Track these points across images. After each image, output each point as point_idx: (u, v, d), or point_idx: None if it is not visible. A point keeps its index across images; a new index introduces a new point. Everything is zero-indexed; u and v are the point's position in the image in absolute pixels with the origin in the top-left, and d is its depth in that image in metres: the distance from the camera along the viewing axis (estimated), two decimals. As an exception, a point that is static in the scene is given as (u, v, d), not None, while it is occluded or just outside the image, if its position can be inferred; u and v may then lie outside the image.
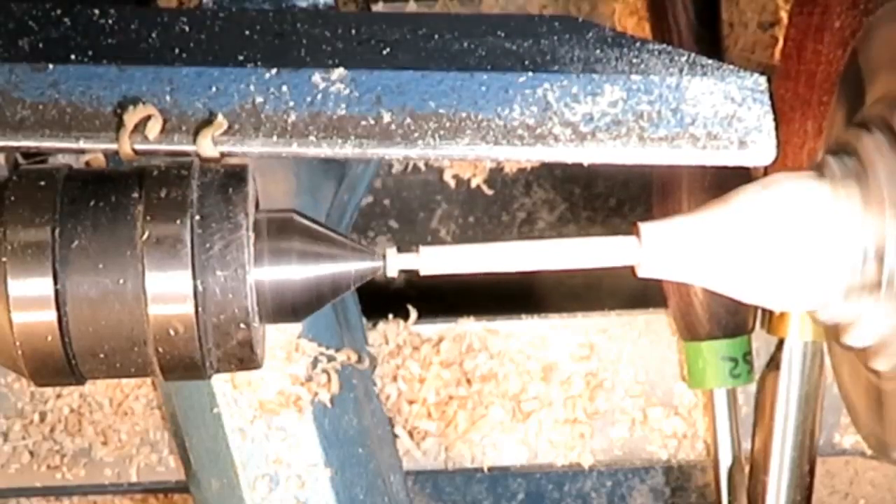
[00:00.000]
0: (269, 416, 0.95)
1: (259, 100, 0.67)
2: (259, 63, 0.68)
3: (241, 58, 0.68)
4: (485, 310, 1.13)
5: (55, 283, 0.59)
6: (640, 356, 1.12)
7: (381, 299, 1.10)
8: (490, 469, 1.14)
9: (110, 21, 0.69)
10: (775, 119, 0.66)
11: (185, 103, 0.67)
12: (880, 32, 0.63)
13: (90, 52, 0.68)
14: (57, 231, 0.59)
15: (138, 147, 0.66)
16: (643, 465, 1.21)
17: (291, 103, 0.67)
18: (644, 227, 0.62)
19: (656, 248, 0.62)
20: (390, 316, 1.13)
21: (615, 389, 1.13)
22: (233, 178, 0.62)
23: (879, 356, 0.62)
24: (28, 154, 0.70)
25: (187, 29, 0.70)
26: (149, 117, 0.66)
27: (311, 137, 0.67)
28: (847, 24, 0.65)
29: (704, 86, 0.66)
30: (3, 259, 0.58)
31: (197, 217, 0.60)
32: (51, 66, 0.68)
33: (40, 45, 0.68)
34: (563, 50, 0.68)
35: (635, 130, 0.66)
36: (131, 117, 0.66)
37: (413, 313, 1.12)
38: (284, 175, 0.91)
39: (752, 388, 1.08)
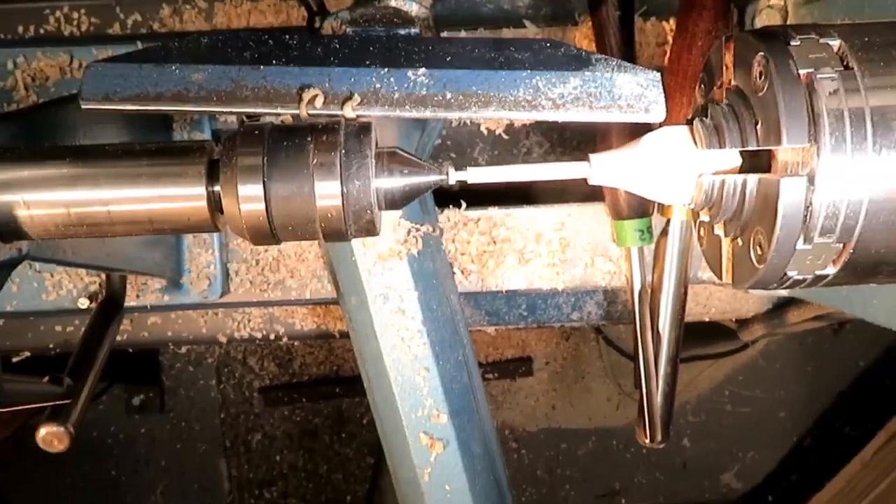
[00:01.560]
0: (383, 261, 0.95)
1: (378, 85, 0.67)
2: (377, 65, 0.68)
3: (367, 62, 0.68)
4: (503, 202, 1.13)
5: (264, 188, 0.60)
6: (590, 228, 1.13)
7: (445, 196, 1.10)
8: (506, 291, 1.15)
9: (294, 41, 0.70)
10: (665, 96, 0.66)
11: (336, 88, 0.67)
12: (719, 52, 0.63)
13: (283, 59, 0.69)
14: (265, 158, 0.60)
15: (310, 112, 0.67)
16: (592, 289, 1.21)
17: (395, 87, 0.67)
18: (593, 156, 0.63)
19: (599, 168, 0.63)
20: (451, 206, 1.13)
21: (576, 247, 1.13)
22: (363, 129, 0.62)
23: (717, 227, 0.63)
24: (248, 116, 0.71)
25: (338, 46, 0.70)
26: (316, 95, 0.67)
27: (407, 107, 0.67)
28: (706, 45, 0.64)
29: (626, 78, 0.66)
30: (236, 173, 0.60)
31: (343, 150, 0.61)
32: (262, 66, 0.68)
33: (256, 55, 0.69)
34: (547, 57, 0.68)
35: (587, 103, 0.66)
36: (306, 95, 0.67)
37: (463, 204, 1.13)
38: (391, 128, 0.91)
39: (652, 246, 1.07)
